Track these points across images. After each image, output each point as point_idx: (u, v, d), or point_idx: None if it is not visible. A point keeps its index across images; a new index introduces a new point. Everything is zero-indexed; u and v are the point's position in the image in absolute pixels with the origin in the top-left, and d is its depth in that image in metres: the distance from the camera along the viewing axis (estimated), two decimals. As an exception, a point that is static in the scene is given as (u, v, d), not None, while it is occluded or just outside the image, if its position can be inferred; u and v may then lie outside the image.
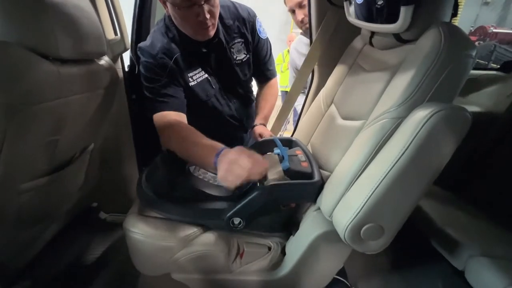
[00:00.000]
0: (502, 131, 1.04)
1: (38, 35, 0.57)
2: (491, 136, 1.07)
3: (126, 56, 1.06)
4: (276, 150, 0.79)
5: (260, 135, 0.98)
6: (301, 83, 1.12)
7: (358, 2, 0.70)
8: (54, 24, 0.57)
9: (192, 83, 0.88)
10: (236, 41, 0.90)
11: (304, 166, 0.72)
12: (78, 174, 0.89)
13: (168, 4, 0.76)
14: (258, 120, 1.04)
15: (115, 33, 0.98)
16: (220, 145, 0.67)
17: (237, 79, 0.94)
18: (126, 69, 1.06)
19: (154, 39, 0.86)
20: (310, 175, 0.69)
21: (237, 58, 0.92)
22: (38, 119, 0.58)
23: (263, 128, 1.01)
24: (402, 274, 0.87)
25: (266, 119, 1.06)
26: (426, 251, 0.83)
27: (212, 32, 0.82)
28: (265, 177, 0.66)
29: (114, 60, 0.96)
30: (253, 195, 0.65)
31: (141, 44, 0.87)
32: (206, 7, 0.75)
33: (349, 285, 0.85)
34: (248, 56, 0.93)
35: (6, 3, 0.55)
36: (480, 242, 0.73)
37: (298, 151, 0.79)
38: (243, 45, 0.92)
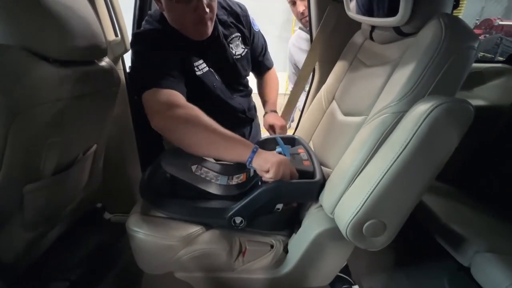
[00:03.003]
0: (508, 124, 1.02)
1: (38, 37, 0.57)
2: (497, 129, 1.05)
3: (127, 58, 1.06)
4: (278, 149, 0.79)
5: (271, 127, 0.98)
6: (303, 81, 1.12)
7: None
8: (54, 26, 0.57)
9: (198, 73, 0.82)
10: (233, 35, 0.89)
11: (306, 165, 0.71)
12: (81, 175, 0.89)
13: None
14: (268, 107, 1.03)
15: (116, 34, 0.99)
16: (247, 141, 0.67)
17: (238, 75, 0.93)
18: (127, 70, 1.07)
19: (149, 27, 0.80)
20: (312, 174, 0.69)
21: (236, 53, 0.90)
22: (39, 120, 0.59)
23: (275, 116, 1.01)
24: (406, 271, 0.86)
25: (275, 105, 1.05)
26: (430, 248, 0.82)
27: (210, 30, 0.79)
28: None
29: (115, 61, 0.97)
30: (254, 194, 0.65)
31: (135, 31, 0.82)
32: (205, 0, 0.71)
33: (353, 282, 0.85)
34: (246, 50, 0.92)
35: (5, 5, 0.55)
36: (485, 238, 0.72)
37: (300, 150, 0.79)
38: (240, 39, 0.91)
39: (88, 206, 1.06)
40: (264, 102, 1.06)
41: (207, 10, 0.72)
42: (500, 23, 5.42)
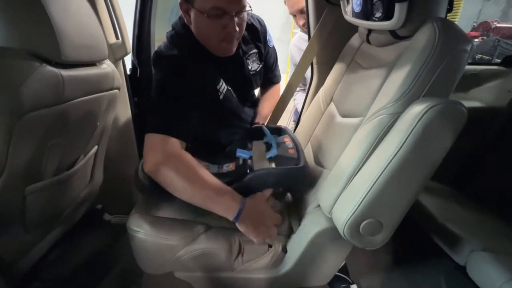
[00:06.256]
0: (504, 126, 1.04)
1: (41, 40, 0.59)
2: (493, 131, 1.06)
3: (128, 60, 1.08)
4: (266, 139, 0.82)
5: None
6: (299, 77, 1.13)
7: (356, 11, 0.71)
8: (56, 29, 0.58)
9: (221, 97, 0.81)
10: (251, 52, 0.89)
11: (291, 152, 0.75)
12: (82, 176, 0.90)
13: (194, 11, 0.69)
14: (258, 119, 1.04)
15: (116, 37, 1.00)
16: (236, 200, 0.63)
17: (251, 89, 0.94)
18: (128, 73, 1.08)
19: (173, 46, 0.76)
20: (296, 161, 0.71)
21: (252, 69, 0.90)
22: (42, 122, 0.60)
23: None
24: (404, 270, 0.87)
25: (266, 119, 1.07)
26: (427, 247, 0.82)
27: (235, 48, 0.77)
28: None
29: (116, 63, 0.98)
30: (242, 181, 0.67)
31: (159, 50, 0.77)
32: (236, 19, 0.70)
33: (351, 282, 0.85)
34: (261, 66, 0.93)
35: (8, 8, 0.56)
36: (481, 237, 0.73)
37: (286, 139, 0.82)
38: (257, 55, 0.91)
39: (88, 207, 1.07)
40: (258, 113, 1.07)
41: (237, 28, 0.71)
42: (498, 25, 5.46)
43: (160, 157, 0.65)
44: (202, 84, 0.75)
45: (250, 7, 0.75)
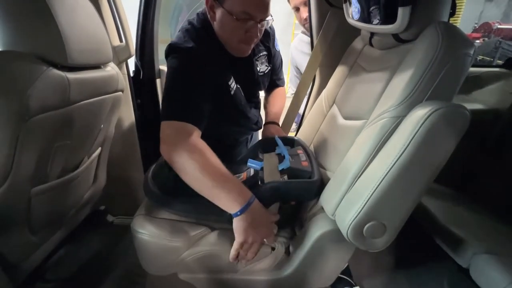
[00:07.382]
0: (506, 128, 1.04)
1: (48, 44, 0.59)
2: (495, 133, 1.06)
3: (131, 62, 1.08)
4: (278, 150, 0.81)
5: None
6: (306, 84, 1.14)
7: (355, 18, 0.73)
8: (63, 33, 0.59)
9: (232, 92, 0.83)
10: (261, 54, 0.91)
11: (304, 165, 0.73)
12: (86, 178, 0.91)
13: (221, 11, 0.71)
14: (269, 117, 1.04)
15: (120, 40, 1.01)
16: (246, 194, 0.63)
17: (257, 90, 0.96)
18: (131, 75, 1.09)
19: (189, 39, 0.76)
20: (310, 174, 0.70)
21: (261, 70, 0.92)
22: (48, 125, 0.61)
23: (275, 128, 1.02)
24: (406, 272, 0.87)
25: (277, 116, 1.06)
26: (430, 249, 0.82)
27: (250, 50, 0.81)
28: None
29: (119, 66, 0.99)
30: (254, 192, 0.66)
31: (174, 42, 0.77)
32: (259, 25, 0.74)
33: (354, 284, 0.86)
34: (269, 68, 0.95)
35: (16, 14, 0.57)
36: (484, 240, 0.73)
37: (299, 151, 0.80)
38: (266, 57, 0.93)
39: (91, 209, 1.07)
40: (266, 113, 1.08)
41: (258, 34, 0.75)
42: (499, 26, 5.46)
43: (178, 143, 0.65)
44: (216, 77, 0.77)
45: (271, 16, 0.77)
